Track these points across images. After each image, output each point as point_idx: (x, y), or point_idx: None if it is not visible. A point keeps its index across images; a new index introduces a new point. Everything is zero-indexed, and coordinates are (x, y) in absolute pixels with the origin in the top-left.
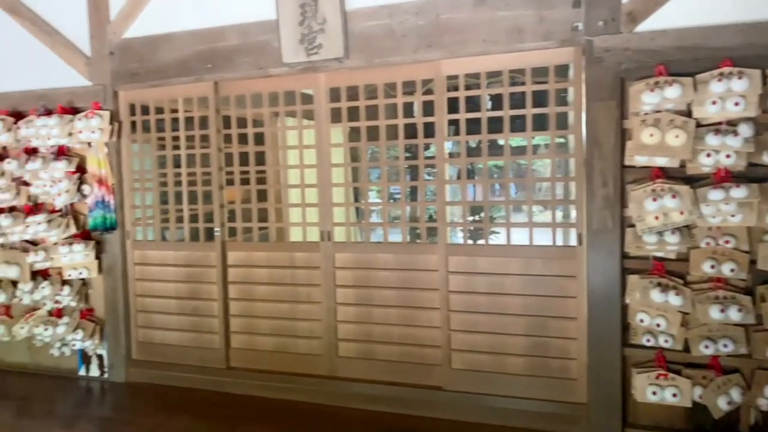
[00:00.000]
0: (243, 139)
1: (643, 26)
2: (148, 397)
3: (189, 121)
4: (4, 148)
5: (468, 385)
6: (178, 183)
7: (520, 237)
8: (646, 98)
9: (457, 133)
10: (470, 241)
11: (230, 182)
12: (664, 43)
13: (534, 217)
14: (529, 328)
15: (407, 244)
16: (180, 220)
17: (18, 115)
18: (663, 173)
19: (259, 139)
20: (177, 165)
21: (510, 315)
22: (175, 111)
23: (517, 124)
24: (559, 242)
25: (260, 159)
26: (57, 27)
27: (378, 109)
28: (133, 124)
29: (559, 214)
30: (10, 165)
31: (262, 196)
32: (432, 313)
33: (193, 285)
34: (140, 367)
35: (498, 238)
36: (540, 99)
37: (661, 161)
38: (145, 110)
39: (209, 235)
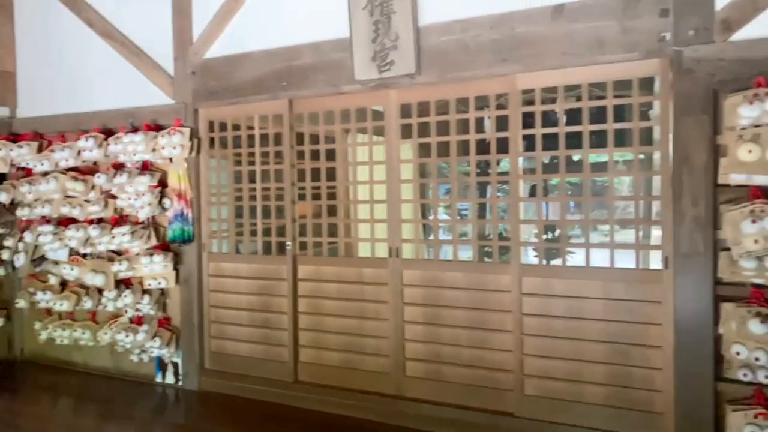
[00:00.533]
0: (315, 155)
1: (740, 35)
2: (218, 406)
3: (264, 137)
4: (95, 163)
5: (541, 413)
6: (253, 197)
7: (597, 258)
8: (743, 112)
9: (530, 149)
10: (544, 262)
11: (302, 197)
12: (765, 53)
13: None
14: (609, 355)
15: (478, 263)
16: (254, 233)
17: (108, 132)
18: (763, 193)
19: (331, 155)
20: (252, 180)
21: (588, 341)
22: (251, 128)
23: (594, 140)
24: (641, 265)
25: (331, 175)
26: (145, 49)
27: (449, 125)
28: (212, 140)
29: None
30: (99, 179)
31: (332, 211)
32: (504, 336)
33: (264, 297)
34: (212, 376)
35: (574, 259)
36: (621, 113)
37: (760, 180)
38: (223, 127)
39: (281, 248)
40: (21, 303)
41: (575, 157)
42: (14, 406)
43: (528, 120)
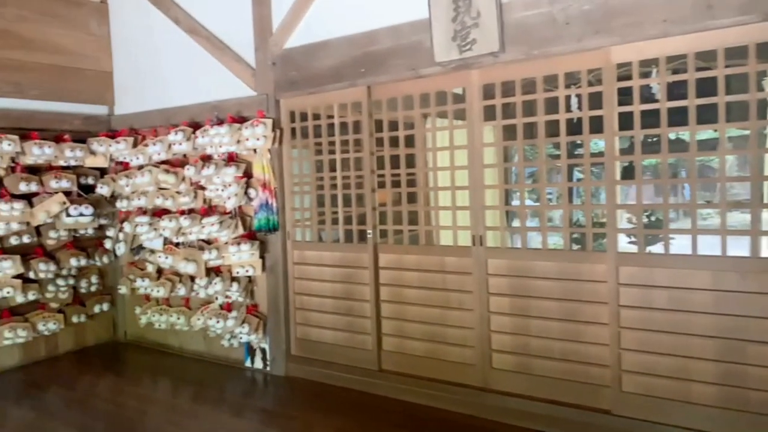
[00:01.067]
0: (394, 141)
1: None
2: (304, 392)
3: (343, 125)
4: (185, 155)
5: (642, 412)
6: (334, 186)
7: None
8: None
9: (627, 127)
10: (643, 249)
11: (382, 185)
12: None
13: (711, 221)
14: (721, 352)
15: (569, 251)
16: (335, 221)
17: (196, 126)
18: None
19: (410, 141)
20: (332, 169)
21: (696, 336)
22: (330, 116)
23: (700, 115)
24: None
25: (411, 161)
26: (227, 43)
27: (535, 104)
28: (293, 130)
29: (742, 219)
30: (189, 171)
31: (412, 198)
32: (599, 329)
33: (347, 285)
34: (298, 362)
35: (675, 247)
36: (734, 85)
37: None
38: (304, 117)
39: (362, 236)
40: (123, 289)
41: (671, 136)
42: (117, 385)
43: (624, 96)
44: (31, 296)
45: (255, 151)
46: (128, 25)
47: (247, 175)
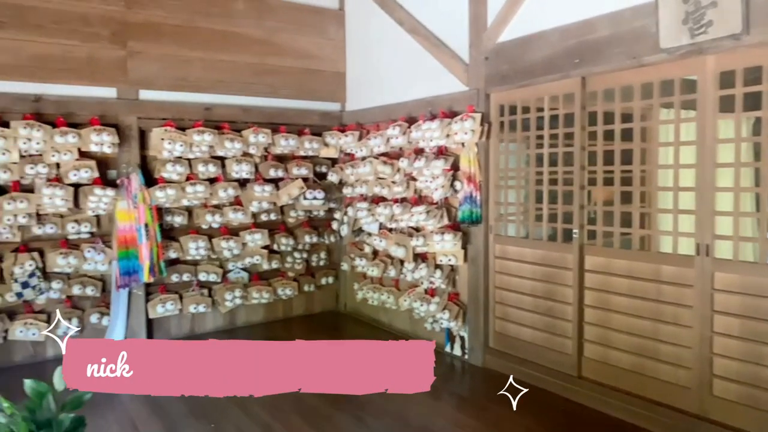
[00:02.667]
0: (609, 135)
1: None
2: (499, 386)
3: (554, 119)
4: (401, 148)
5: None
6: (539, 182)
7: None
8: None
9: None
10: None
11: (592, 182)
12: None
13: None
14: None
15: None
16: (539, 218)
17: (411, 121)
18: None
19: (627, 135)
20: (539, 163)
21: None
22: (540, 110)
23: None
24: None
25: (627, 157)
26: (444, 40)
27: None
28: (501, 124)
29: None
30: (403, 163)
31: (626, 198)
32: None
33: (548, 285)
34: (495, 355)
35: None
36: None
37: None
38: (513, 110)
39: (567, 236)
40: (344, 266)
41: None
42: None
43: None
44: (274, 265)
45: (463, 144)
46: (360, 29)
47: (455, 167)
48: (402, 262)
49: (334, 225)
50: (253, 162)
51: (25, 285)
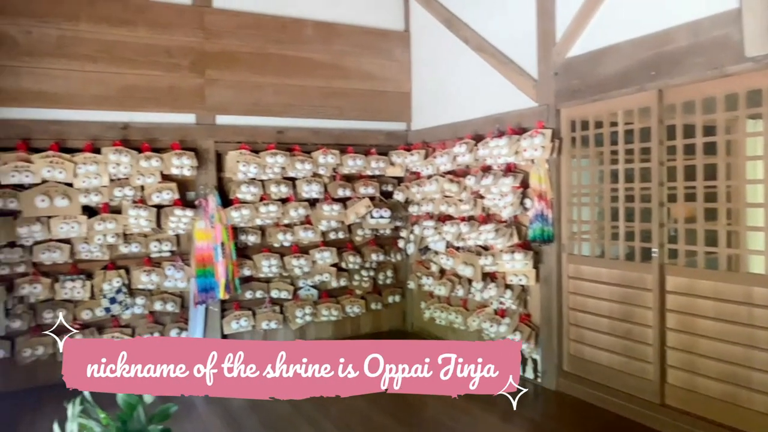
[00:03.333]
0: (689, 150)
1: None
2: (574, 411)
3: (628, 133)
4: (467, 166)
5: None
6: (615, 198)
7: None
8: None
9: None
10: None
11: (672, 198)
12: None
13: None
14: None
15: None
16: (615, 236)
17: (478, 138)
18: None
19: (710, 149)
20: (614, 180)
21: None
22: (614, 124)
23: None
24: None
25: (710, 172)
26: (511, 57)
27: None
28: (573, 140)
29: None
30: (470, 181)
31: (710, 215)
32: None
33: (626, 306)
34: (570, 379)
35: None
36: None
37: None
38: (584, 126)
39: (646, 255)
40: (411, 284)
41: None
42: None
43: None
44: (342, 282)
45: (533, 161)
46: (425, 49)
47: (524, 185)
48: (470, 281)
49: (401, 243)
50: (323, 182)
51: (112, 300)
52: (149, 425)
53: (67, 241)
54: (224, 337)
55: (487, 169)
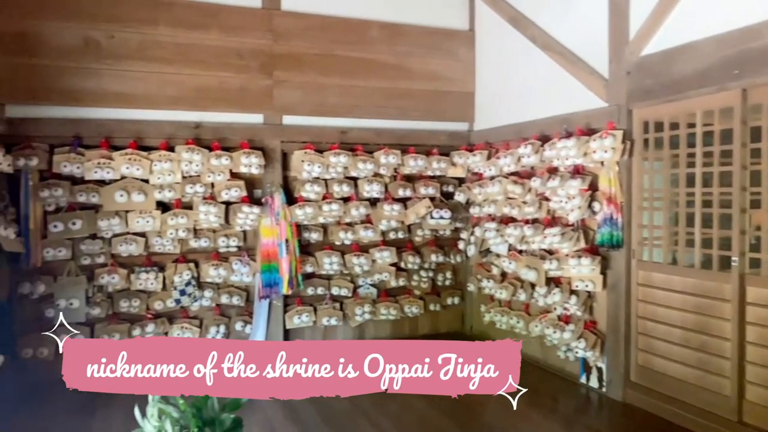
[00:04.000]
0: None
1: None
2: (642, 424)
3: (707, 135)
4: (532, 168)
5: None
6: (691, 203)
7: None
8: None
9: None
10: None
11: (755, 204)
12: None
13: None
14: None
15: None
16: (690, 243)
17: (544, 139)
18: None
19: None
20: (690, 184)
21: None
22: (692, 125)
23: None
24: None
25: None
26: (581, 56)
27: None
28: (645, 141)
29: None
30: (535, 182)
31: None
32: None
33: (701, 317)
34: (638, 390)
35: None
36: None
37: None
38: (658, 127)
39: (724, 263)
40: (471, 287)
41: None
42: None
43: None
44: (401, 282)
45: (602, 163)
46: (490, 48)
47: (592, 188)
48: (533, 285)
49: (461, 245)
50: (384, 182)
51: (182, 293)
52: (222, 414)
53: (142, 234)
54: (286, 331)
55: (553, 171)
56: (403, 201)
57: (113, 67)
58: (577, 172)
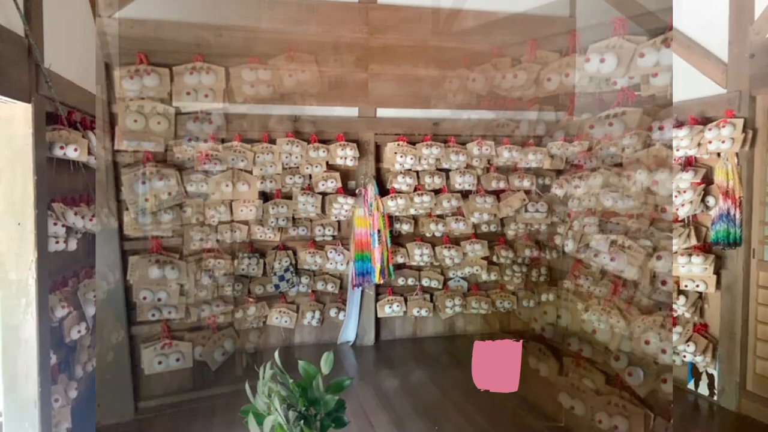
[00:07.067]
0: None
1: None
2: None
3: None
4: (638, 160)
5: None
6: None
7: None
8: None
9: None
10: None
11: None
12: None
13: None
14: None
15: None
16: None
17: (651, 129)
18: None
19: None
20: None
21: None
22: None
23: None
24: None
25: None
26: (695, 39)
27: None
28: None
29: None
30: (641, 175)
31: None
32: None
33: None
34: (755, 401)
35: None
36: None
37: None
38: None
39: None
40: (567, 283)
41: None
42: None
43: None
44: (493, 276)
45: (718, 154)
46: (590, 34)
47: (706, 181)
48: (636, 284)
49: (557, 240)
50: (476, 174)
51: (281, 278)
52: (326, 395)
53: (245, 222)
54: (378, 320)
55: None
56: (496, 193)
57: (221, 64)
58: (689, 164)
